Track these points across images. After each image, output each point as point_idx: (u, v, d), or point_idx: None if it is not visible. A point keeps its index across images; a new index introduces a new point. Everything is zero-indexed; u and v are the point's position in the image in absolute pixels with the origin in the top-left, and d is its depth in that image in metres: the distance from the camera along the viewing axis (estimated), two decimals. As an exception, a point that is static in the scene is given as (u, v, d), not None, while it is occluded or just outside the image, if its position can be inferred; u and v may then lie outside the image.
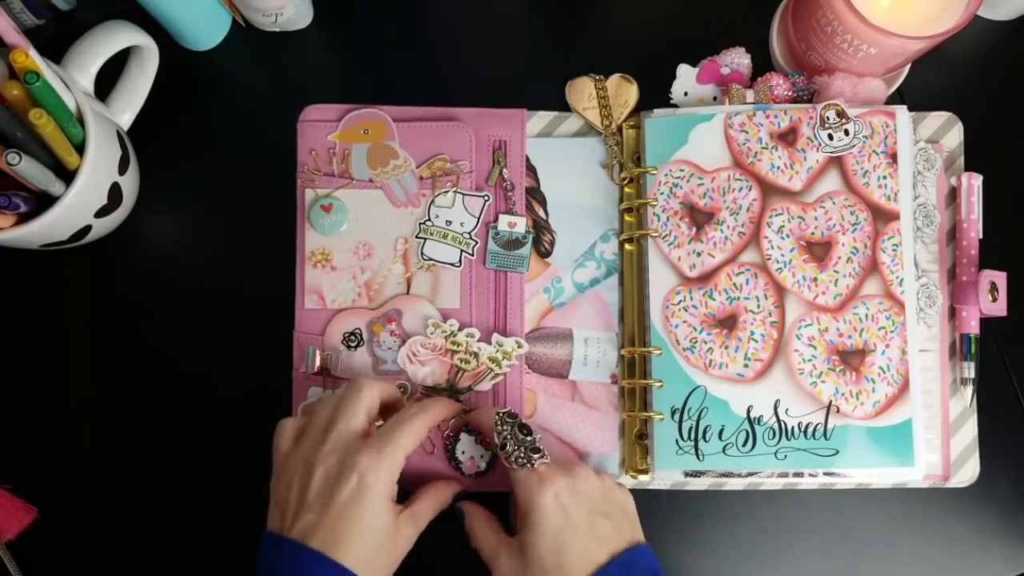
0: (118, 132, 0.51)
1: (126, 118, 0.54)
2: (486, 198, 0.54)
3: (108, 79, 0.52)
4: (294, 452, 0.45)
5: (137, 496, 0.54)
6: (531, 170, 0.55)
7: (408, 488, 0.47)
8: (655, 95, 0.56)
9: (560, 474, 0.46)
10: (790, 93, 0.54)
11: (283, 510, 0.44)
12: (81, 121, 0.47)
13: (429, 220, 0.54)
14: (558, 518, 0.44)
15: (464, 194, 0.54)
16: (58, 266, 0.55)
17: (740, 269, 0.52)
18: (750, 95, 0.54)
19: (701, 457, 0.51)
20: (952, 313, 0.54)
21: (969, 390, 0.53)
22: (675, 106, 0.56)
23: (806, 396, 0.51)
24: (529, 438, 0.47)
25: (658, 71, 0.56)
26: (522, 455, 0.46)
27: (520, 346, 0.52)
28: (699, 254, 0.52)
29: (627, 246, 0.54)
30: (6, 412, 0.54)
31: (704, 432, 0.51)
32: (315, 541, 0.42)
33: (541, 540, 0.44)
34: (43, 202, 0.47)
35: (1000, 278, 0.53)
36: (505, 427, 0.47)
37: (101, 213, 0.50)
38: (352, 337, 0.53)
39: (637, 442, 0.53)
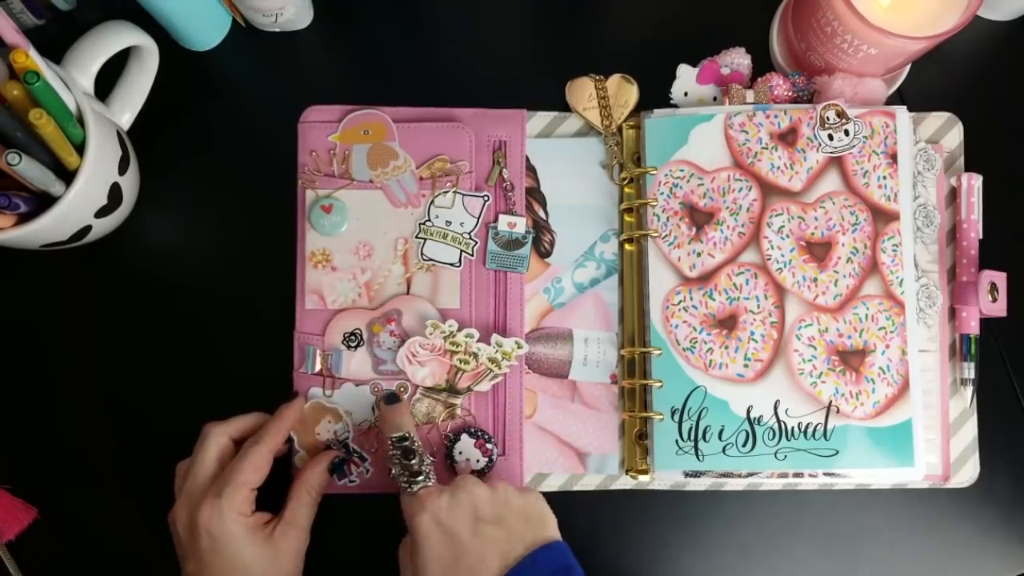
0: (118, 132, 0.51)
1: (126, 118, 0.54)
2: (486, 198, 0.54)
3: (108, 79, 0.52)
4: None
5: (137, 496, 0.54)
6: (531, 170, 0.55)
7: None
8: (655, 95, 0.56)
9: (437, 493, 0.45)
10: (790, 93, 0.54)
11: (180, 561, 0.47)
12: (81, 121, 0.47)
13: (429, 220, 0.54)
14: (438, 539, 0.44)
15: (464, 194, 0.54)
16: (58, 266, 0.55)
17: (740, 269, 0.52)
18: (750, 95, 0.54)
19: (701, 457, 0.51)
20: (952, 313, 0.54)
21: (969, 390, 0.53)
22: (675, 106, 0.56)
23: (806, 396, 0.51)
24: (413, 461, 0.46)
25: (658, 71, 0.56)
26: (404, 479, 0.46)
27: (520, 347, 0.52)
28: (699, 254, 0.52)
29: (627, 246, 0.54)
30: (6, 412, 0.54)
31: (704, 432, 0.51)
32: None
33: (425, 564, 0.43)
34: (43, 202, 0.47)
35: (1000, 278, 0.53)
36: (395, 451, 0.47)
37: (101, 213, 0.50)
38: (352, 337, 0.53)
39: (637, 442, 0.53)
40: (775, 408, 0.51)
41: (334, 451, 0.51)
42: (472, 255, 0.54)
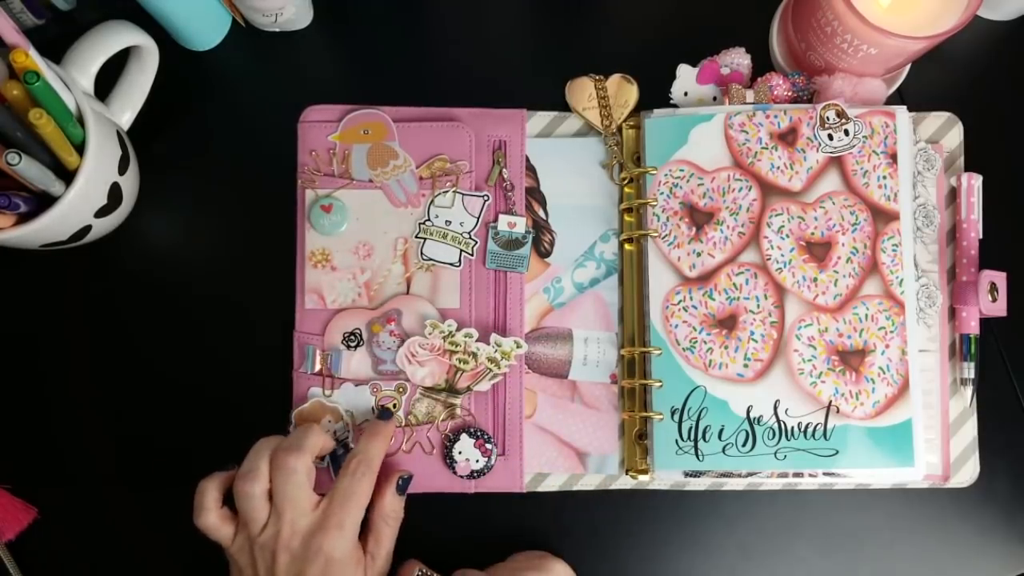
0: (118, 132, 0.51)
1: (126, 118, 0.54)
2: (486, 198, 0.54)
3: (108, 79, 0.52)
4: (247, 542, 0.46)
5: (137, 496, 0.54)
6: (531, 170, 0.55)
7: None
8: (655, 95, 0.56)
9: None
10: (790, 93, 0.54)
11: None
12: (81, 121, 0.47)
13: (429, 220, 0.54)
14: None
15: (464, 194, 0.54)
16: (58, 266, 0.55)
17: (740, 269, 0.52)
18: (750, 95, 0.54)
19: (701, 457, 0.51)
20: (952, 313, 0.54)
21: (969, 390, 0.53)
22: (675, 106, 0.56)
23: (806, 396, 0.51)
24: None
25: (658, 71, 0.56)
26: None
27: (519, 346, 0.52)
28: (699, 254, 0.52)
29: (627, 246, 0.54)
30: (6, 412, 0.54)
31: (704, 432, 0.51)
32: None
33: None
34: (43, 202, 0.47)
35: (1000, 278, 0.53)
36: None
37: (101, 213, 0.50)
38: (352, 337, 0.53)
39: (637, 442, 0.53)
40: (775, 408, 0.51)
41: (399, 471, 0.50)
42: (472, 255, 0.54)
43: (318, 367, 0.52)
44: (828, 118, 0.52)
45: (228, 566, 0.47)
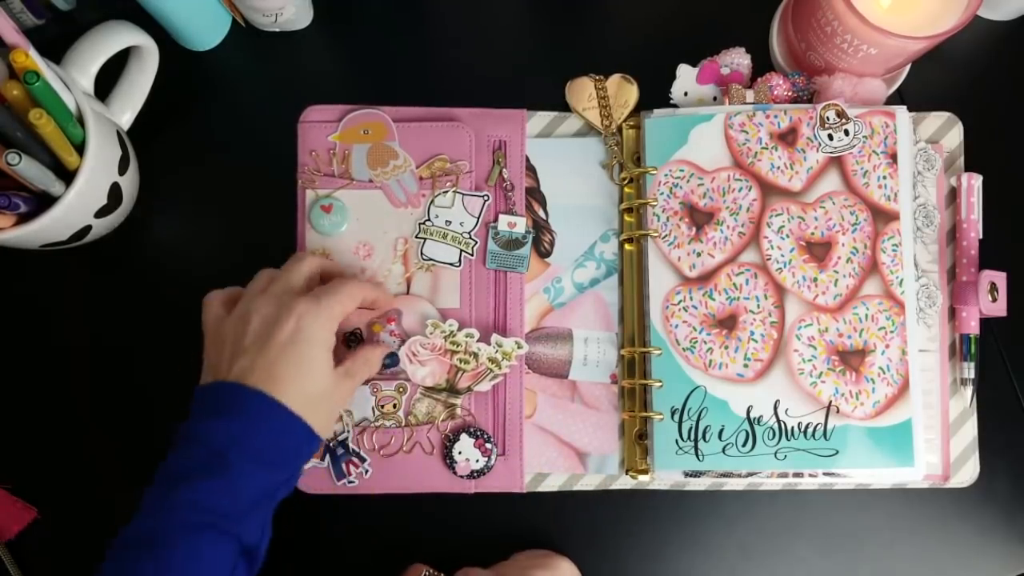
0: (118, 132, 0.51)
1: (126, 118, 0.54)
2: (486, 198, 0.54)
3: (108, 79, 0.52)
4: (228, 317, 0.45)
5: (137, 496, 0.54)
6: (531, 170, 0.55)
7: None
8: (655, 95, 0.56)
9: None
10: (790, 93, 0.54)
11: (215, 365, 0.44)
12: (81, 121, 0.47)
13: (429, 220, 0.54)
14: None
15: (464, 194, 0.54)
16: (58, 266, 0.55)
17: (740, 269, 0.52)
18: (750, 95, 0.54)
19: (701, 457, 0.51)
20: (952, 313, 0.54)
21: (969, 390, 0.53)
22: (675, 106, 0.56)
23: (806, 396, 0.51)
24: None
25: (658, 71, 0.56)
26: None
27: (520, 346, 0.52)
28: (699, 254, 0.52)
29: (627, 246, 0.54)
30: (6, 412, 0.54)
31: (704, 432, 0.51)
32: (252, 381, 0.41)
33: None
34: (43, 202, 0.47)
35: (1000, 278, 0.53)
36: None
37: (101, 213, 0.50)
38: (352, 337, 0.53)
39: (637, 442, 0.53)
40: (775, 408, 0.51)
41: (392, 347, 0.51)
42: (472, 255, 0.54)
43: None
44: (828, 118, 0.52)
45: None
